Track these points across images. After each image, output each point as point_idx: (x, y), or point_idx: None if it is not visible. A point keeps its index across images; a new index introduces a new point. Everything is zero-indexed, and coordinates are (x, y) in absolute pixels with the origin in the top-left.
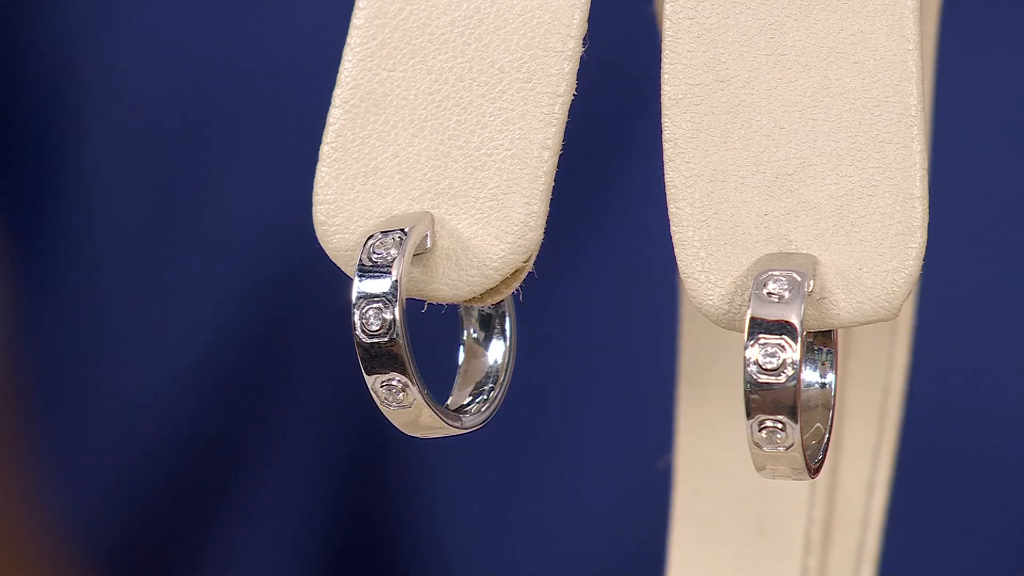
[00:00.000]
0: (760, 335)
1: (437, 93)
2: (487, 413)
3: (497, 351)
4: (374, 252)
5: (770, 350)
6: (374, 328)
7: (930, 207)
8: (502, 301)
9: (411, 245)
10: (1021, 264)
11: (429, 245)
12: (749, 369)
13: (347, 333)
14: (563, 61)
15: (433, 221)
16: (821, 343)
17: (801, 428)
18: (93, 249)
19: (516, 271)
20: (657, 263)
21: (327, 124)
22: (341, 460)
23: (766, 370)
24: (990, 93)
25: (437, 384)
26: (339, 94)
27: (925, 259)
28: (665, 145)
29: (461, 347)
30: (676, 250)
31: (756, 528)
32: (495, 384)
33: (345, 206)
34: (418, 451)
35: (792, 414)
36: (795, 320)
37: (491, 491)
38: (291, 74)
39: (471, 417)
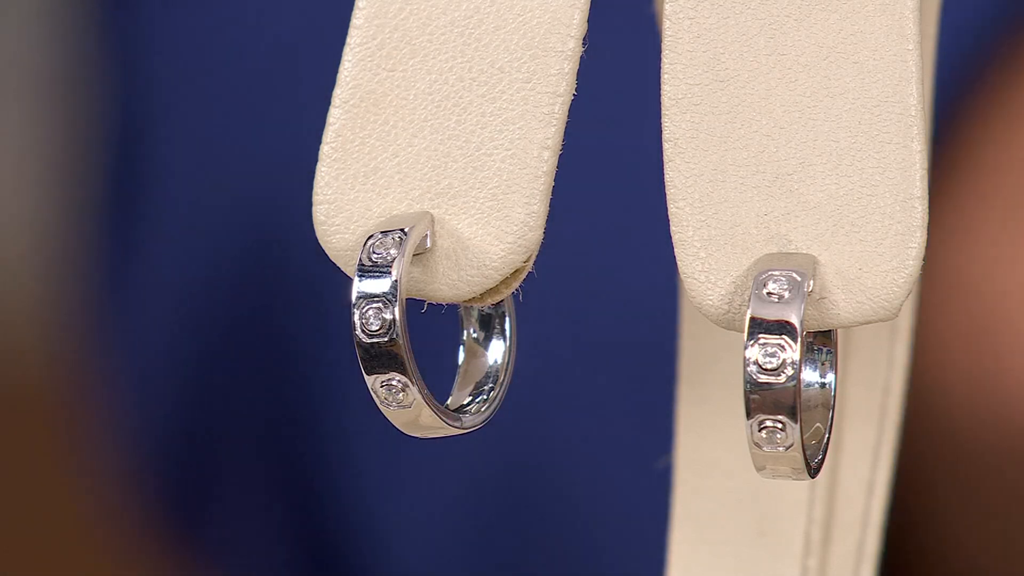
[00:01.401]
0: (760, 335)
1: (437, 93)
2: (487, 413)
3: (497, 351)
4: (374, 252)
5: (770, 350)
6: (374, 328)
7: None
8: (502, 301)
9: (411, 245)
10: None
11: (429, 245)
12: (749, 369)
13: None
14: (563, 61)
15: (433, 221)
16: (821, 343)
17: (801, 428)
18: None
19: (516, 271)
20: (657, 263)
21: (327, 124)
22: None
23: (766, 370)
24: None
25: (437, 384)
26: (339, 94)
27: (924, 258)
28: (665, 145)
29: (461, 347)
30: (676, 250)
31: (756, 528)
32: (495, 384)
33: (345, 206)
34: (415, 447)
35: (792, 414)
36: (795, 320)
37: (490, 490)
38: (291, 73)
39: (471, 417)
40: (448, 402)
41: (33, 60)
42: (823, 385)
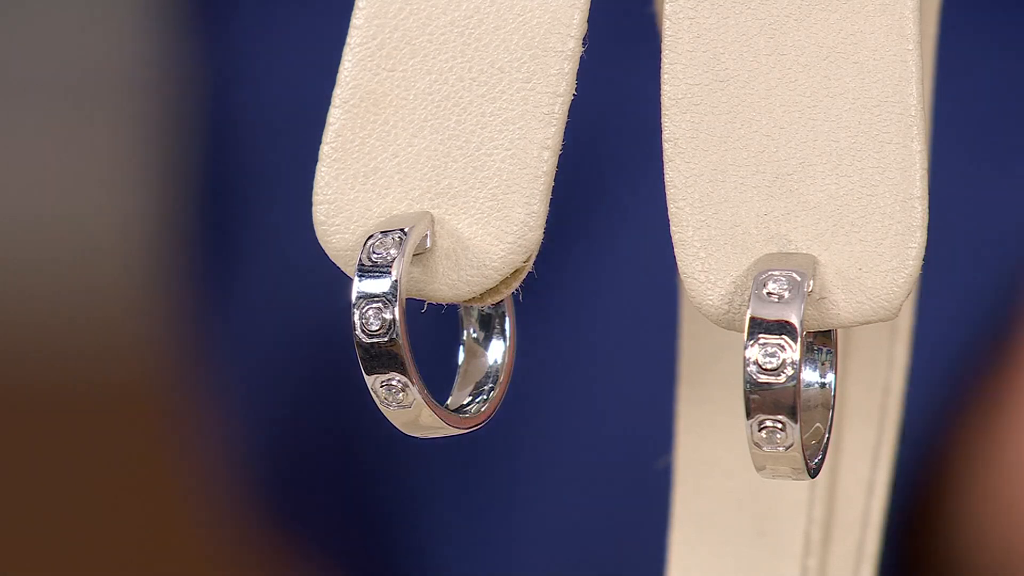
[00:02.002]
0: (760, 335)
1: (437, 93)
2: (487, 413)
3: (497, 351)
4: (374, 252)
5: (770, 350)
6: (374, 328)
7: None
8: (502, 301)
9: (411, 245)
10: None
11: (429, 245)
12: (749, 369)
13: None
14: (563, 61)
15: (433, 221)
16: (821, 343)
17: (801, 428)
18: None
19: (516, 271)
20: (657, 263)
21: (327, 124)
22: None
23: (766, 370)
24: (990, 93)
25: (437, 384)
26: (339, 94)
27: (924, 259)
28: (665, 145)
29: (461, 347)
30: (676, 250)
31: (756, 528)
32: (495, 384)
33: (345, 206)
34: (415, 450)
35: (792, 414)
36: (795, 320)
37: (490, 491)
38: (291, 75)
39: (471, 417)
40: (448, 402)
41: (133, 60)
42: (823, 385)
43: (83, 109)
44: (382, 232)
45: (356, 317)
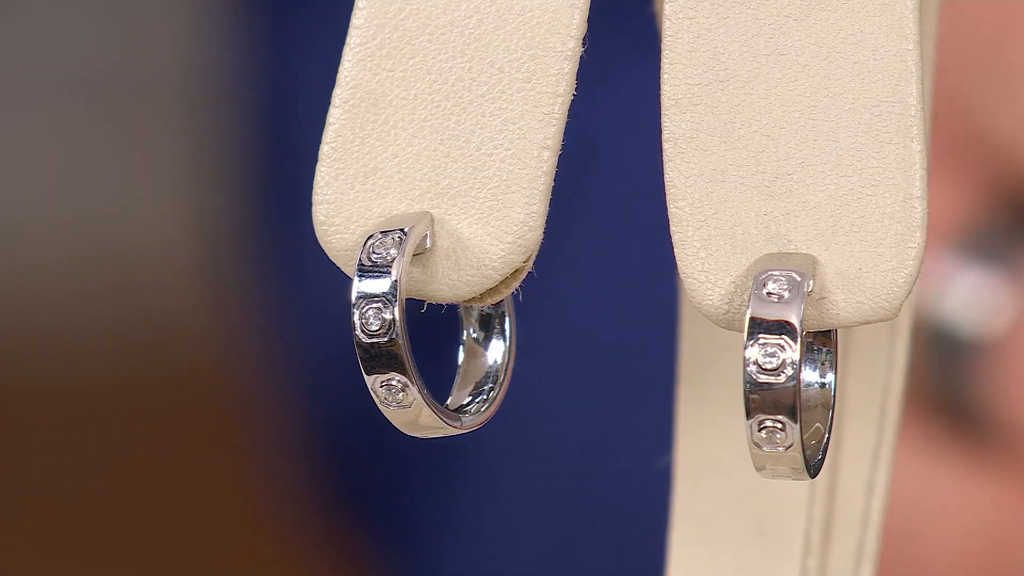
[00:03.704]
0: (760, 335)
1: (437, 93)
2: (487, 413)
3: (497, 351)
4: (374, 252)
5: (770, 350)
6: (374, 328)
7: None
8: (502, 301)
9: (411, 245)
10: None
11: (429, 245)
12: (749, 369)
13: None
14: (563, 61)
15: (433, 221)
16: (821, 343)
17: (801, 428)
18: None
19: (516, 271)
20: (657, 263)
21: (327, 124)
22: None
23: (766, 370)
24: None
25: (437, 384)
26: (339, 94)
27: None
28: (665, 145)
29: (461, 347)
30: (676, 250)
31: (756, 528)
32: (495, 384)
33: (345, 206)
34: (416, 450)
35: (792, 414)
36: (795, 320)
37: (490, 490)
38: (291, 73)
39: (471, 417)
40: (448, 402)
41: (189, 62)
42: (823, 385)
43: (133, 106)
44: (382, 232)
45: (356, 317)
